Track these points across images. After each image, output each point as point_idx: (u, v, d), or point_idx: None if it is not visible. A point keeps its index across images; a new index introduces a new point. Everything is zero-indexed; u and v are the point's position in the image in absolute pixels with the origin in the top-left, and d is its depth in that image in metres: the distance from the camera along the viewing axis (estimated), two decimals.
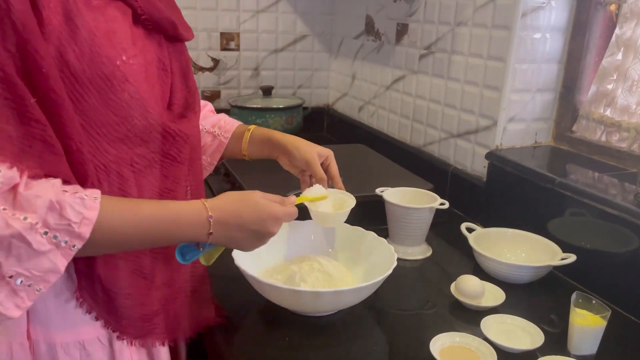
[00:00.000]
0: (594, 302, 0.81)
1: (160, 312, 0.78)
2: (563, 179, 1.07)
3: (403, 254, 1.09)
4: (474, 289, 0.91)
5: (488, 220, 1.21)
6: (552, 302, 0.97)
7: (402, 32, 1.61)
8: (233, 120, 1.01)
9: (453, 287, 0.94)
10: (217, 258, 0.78)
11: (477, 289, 0.91)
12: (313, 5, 2.03)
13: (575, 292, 0.83)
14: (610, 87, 1.19)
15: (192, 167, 0.80)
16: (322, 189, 0.91)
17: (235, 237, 0.74)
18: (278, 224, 0.77)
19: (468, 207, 1.33)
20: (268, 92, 1.91)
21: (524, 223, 1.11)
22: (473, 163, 1.34)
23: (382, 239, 0.96)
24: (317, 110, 2.14)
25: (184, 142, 0.76)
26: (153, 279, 0.76)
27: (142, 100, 0.68)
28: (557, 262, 0.98)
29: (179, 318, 0.81)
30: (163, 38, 0.75)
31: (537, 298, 0.98)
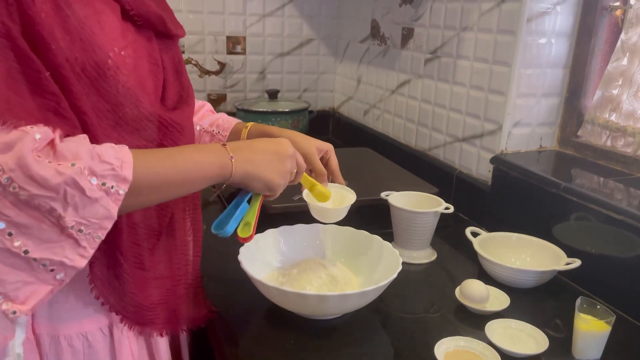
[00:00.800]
0: (599, 307, 0.82)
1: (161, 302, 0.79)
2: (568, 184, 1.07)
3: (408, 258, 1.10)
4: (479, 294, 0.91)
5: (493, 225, 1.21)
6: (556, 307, 0.97)
7: (407, 36, 1.61)
8: (231, 119, 1.00)
9: (458, 291, 0.95)
10: (253, 227, 0.79)
11: (481, 294, 0.91)
12: (319, 9, 2.04)
13: (580, 297, 0.83)
14: (616, 92, 1.19)
15: None
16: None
17: (255, 158, 0.75)
18: (290, 145, 0.79)
19: (473, 211, 1.33)
20: (274, 95, 1.92)
21: (529, 227, 1.12)
22: (478, 167, 1.34)
23: (387, 243, 0.97)
24: (322, 114, 2.15)
25: (179, 133, 0.76)
26: (152, 271, 0.77)
27: (133, 90, 0.69)
28: (562, 266, 0.98)
29: (178, 310, 0.82)
30: (154, 35, 0.76)
31: (541, 303, 0.98)
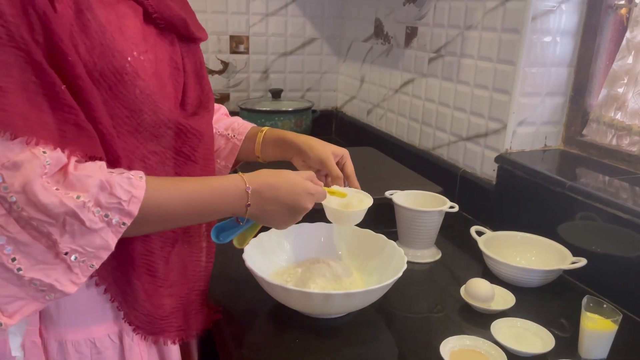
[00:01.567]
0: (605, 306, 0.81)
1: (174, 310, 0.78)
2: (573, 183, 1.07)
3: (412, 257, 1.09)
4: (484, 293, 0.91)
5: (498, 224, 1.21)
6: (562, 306, 0.96)
7: (411, 35, 1.61)
8: (246, 123, 1.00)
9: (463, 290, 0.94)
10: (248, 241, 0.81)
11: (487, 293, 0.91)
12: (322, 9, 2.04)
13: (586, 296, 0.82)
14: (621, 90, 1.18)
15: (205, 167, 0.80)
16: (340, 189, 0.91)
17: (270, 210, 0.75)
18: (311, 200, 0.78)
19: (477, 210, 1.33)
20: (277, 94, 1.92)
21: (534, 226, 1.11)
22: (482, 166, 1.34)
23: (391, 242, 0.97)
24: (325, 113, 2.15)
25: (198, 140, 0.76)
26: (165, 278, 0.76)
27: (152, 96, 0.68)
28: (567, 265, 0.98)
29: (190, 317, 0.82)
30: (176, 38, 0.75)
31: (547, 302, 0.97)
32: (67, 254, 0.59)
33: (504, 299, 0.94)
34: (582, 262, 0.98)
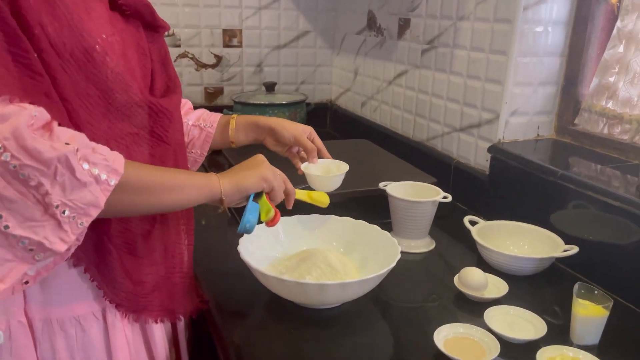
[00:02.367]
0: (596, 292, 0.82)
1: (156, 289, 0.81)
2: (565, 172, 1.08)
3: (407, 247, 1.10)
4: (477, 281, 0.92)
5: (491, 213, 1.22)
6: (555, 293, 0.98)
7: (404, 27, 1.61)
8: (214, 113, 1.06)
9: (456, 279, 0.95)
10: (274, 210, 0.84)
11: (480, 281, 0.92)
12: (315, 2, 2.04)
13: (578, 282, 0.84)
14: (612, 79, 1.19)
15: (178, 151, 0.82)
16: (317, 166, 1.02)
17: (236, 171, 0.81)
18: (263, 158, 0.85)
19: (471, 200, 1.34)
20: (271, 88, 1.92)
21: (527, 215, 1.12)
22: (476, 157, 1.35)
23: (385, 233, 0.97)
24: (320, 106, 2.15)
25: (169, 120, 0.78)
26: (144, 256, 0.79)
27: (122, 75, 0.70)
28: (559, 253, 0.99)
29: (173, 298, 0.84)
30: (141, 25, 0.78)
31: (540, 290, 0.99)
32: (57, 208, 0.58)
33: (497, 287, 0.95)
34: (574, 249, 0.99)
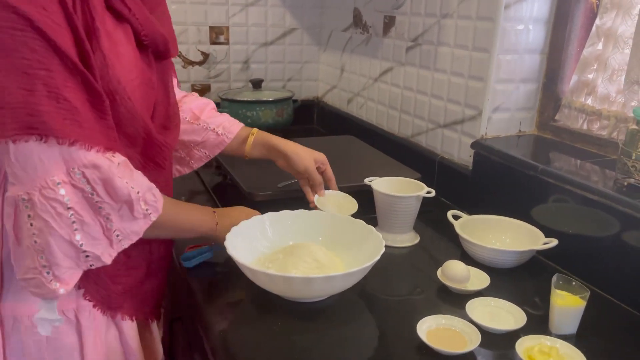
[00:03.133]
0: (574, 283, 0.85)
1: (133, 288, 0.88)
2: (546, 167, 1.10)
3: (392, 242, 1.12)
4: (460, 274, 0.94)
5: (474, 208, 1.24)
6: (535, 285, 1.00)
7: (389, 24, 1.63)
8: (235, 121, 1.13)
9: (440, 272, 0.97)
10: None
11: (462, 274, 0.94)
12: None
13: (556, 274, 0.86)
14: (591, 76, 1.22)
15: (168, 172, 0.91)
16: (327, 199, 1.12)
17: (228, 220, 0.96)
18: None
19: (455, 195, 1.36)
20: (258, 85, 1.93)
21: (509, 210, 1.15)
22: (460, 152, 1.37)
23: (370, 227, 0.99)
24: (307, 103, 2.17)
25: (169, 152, 0.87)
26: (129, 259, 0.85)
27: (133, 114, 0.77)
28: (539, 246, 1.02)
29: (148, 300, 0.92)
30: (152, 58, 0.84)
31: (520, 282, 1.01)
32: (114, 232, 0.74)
33: (479, 280, 0.97)
34: (553, 242, 1.01)
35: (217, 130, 1.09)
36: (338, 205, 1.12)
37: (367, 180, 1.17)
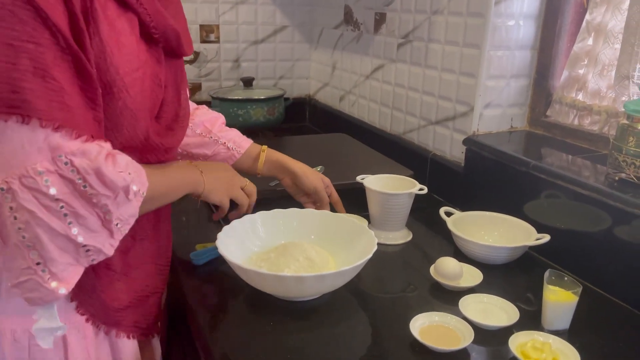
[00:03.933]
0: (566, 278, 0.85)
1: (130, 306, 0.82)
2: (537, 162, 1.10)
3: (384, 239, 1.12)
4: (453, 271, 0.94)
5: (466, 204, 1.24)
6: (528, 281, 1.00)
7: (380, 21, 1.63)
8: (244, 137, 1.12)
9: (432, 269, 0.97)
10: None
11: (455, 271, 0.94)
12: None
13: (548, 269, 0.86)
14: (582, 72, 1.22)
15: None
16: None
17: (214, 172, 0.93)
18: (241, 181, 0.99)
19: (447, 192, 1.36)
20: (249, 83, 1.92)
21: (501, 206, 1.15)
22: (452, 149, 1.37)
23: (362, 225, 0.99)
24: (298, 101, 2.16)
25: (165, 152, 0.82)
26: (123, 273, 0.81)
27: (133, 112, 0.72)
28: (532, 242, 1.02)
29: (149, 316, 0.86)
30: (163, 54, 0.78)
31: (513, 278, 1.01)
32: (112, 221, 0.68)
33: (472, 276, 0.97)
34: (545, 238, 1.01)
35: (227, 145, 1.08)
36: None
37: (359, 178, 1.17)
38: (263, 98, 1.84)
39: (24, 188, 0.61)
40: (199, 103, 1.13)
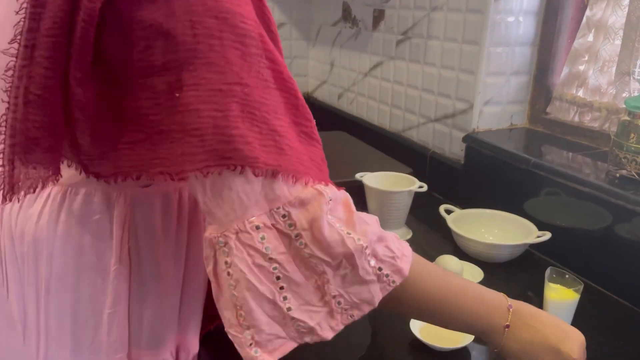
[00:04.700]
0: (567, 276, 0.84)
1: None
2: (538, 160, 1.10)
3: None
4: (453, 269, 0.93)
5: (466, 202, 1.23)
6: (528, 279, 1.00)
7: (378, 18, 1.62)
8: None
9: None
10: None
11: (456, 269, 0.93)
12: None
13: (549, 267, 0.85)
14: (582, 68, 1.21)
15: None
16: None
17: (527, 342, 0.64)
18: (581, 352, 0.65)
19: (447, 189, 1.35)
20: None
21: (501, 203, 1.14)
22: (451, 146, 1.36)
23: None
24: None
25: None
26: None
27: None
28: (532, 240, 1.01)
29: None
30: None
31: (514, 276, 1.00)
32: (334, 297, 0.56)
33: (473, 274, 0.96)
34: (546, 235, 1.01)
35: None
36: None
37: (358, 176, 1.16)
38: None
39: (240, 244, 0.54)
40: None
